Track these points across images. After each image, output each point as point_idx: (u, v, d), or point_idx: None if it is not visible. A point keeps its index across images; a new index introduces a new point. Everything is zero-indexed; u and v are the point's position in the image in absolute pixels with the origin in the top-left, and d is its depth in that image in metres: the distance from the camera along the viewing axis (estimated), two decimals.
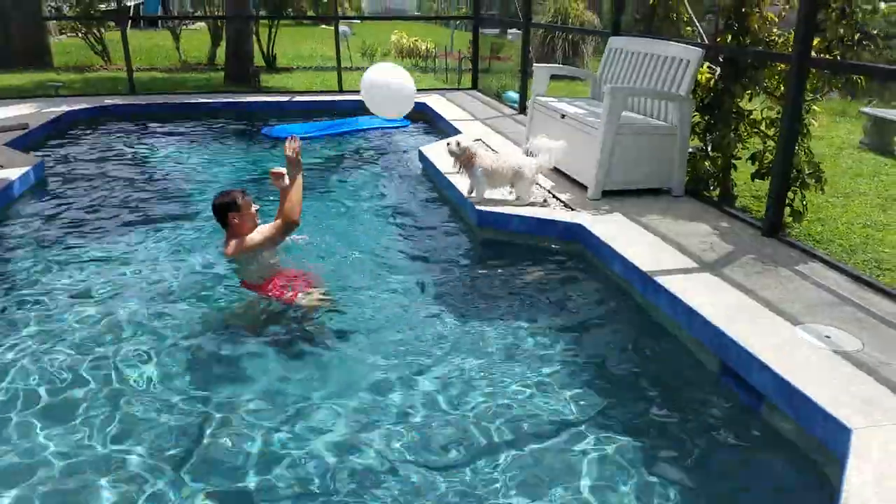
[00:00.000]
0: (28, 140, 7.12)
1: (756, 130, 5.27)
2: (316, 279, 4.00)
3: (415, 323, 3.67)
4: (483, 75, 11.64)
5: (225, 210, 3.80)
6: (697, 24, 5.89)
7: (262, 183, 6.03)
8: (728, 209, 4.93)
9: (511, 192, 5.07)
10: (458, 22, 20.25)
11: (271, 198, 5.46)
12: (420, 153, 6.64)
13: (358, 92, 4.56)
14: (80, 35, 15.05)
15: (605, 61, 6.21)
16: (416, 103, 9.25)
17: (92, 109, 8.89)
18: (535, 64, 6.69)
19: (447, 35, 18.40)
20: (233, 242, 3.80)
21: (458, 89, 11.15)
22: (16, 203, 5.38)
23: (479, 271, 4.38)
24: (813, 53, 4.27)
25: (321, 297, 3.80)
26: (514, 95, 9.58)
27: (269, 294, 3.76)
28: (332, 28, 11.10)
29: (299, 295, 3.75)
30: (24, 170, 5.72)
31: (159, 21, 22.12)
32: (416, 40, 16.20)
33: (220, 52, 14.17)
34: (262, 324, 3.59)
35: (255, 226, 3.89)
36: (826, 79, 5.06)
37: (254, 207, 3.89)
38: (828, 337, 3.05)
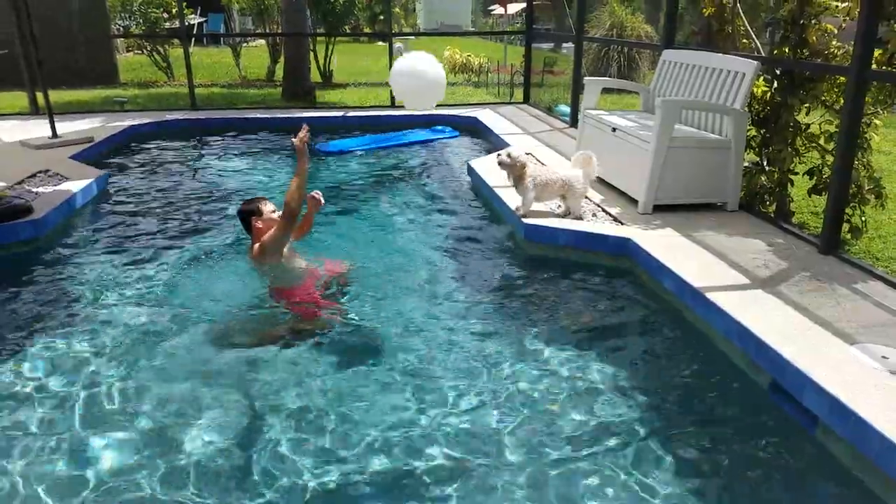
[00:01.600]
0: (92, 153, 7.41)
1: (814, 145, 5.13)
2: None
3: (459, 336, 3.67)
4: (536, 89, 11.65)
5: (249, 215, 4.04)
6: (754, 37, 5.79)
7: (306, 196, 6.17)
8: (784, 225, 4.80)
9: (560, 207, 5.05)
10: (511, 37, 20.30)
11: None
12: (469, 166, 6.67)
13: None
14: (145, 52, 15.67)
15: (658, 74, 6.15)
16: (466, 117, 9.26)
17: (154, 124, 9.22)
18: (585, 77, 6.66)
19: (500, 50, 18.48)
20: (255, 246, 4.00)
21: (510, 103, 11.19)
22: (79, 213, 5.60)
23: (526, 285, 4.37)
24: (874, 66, 4.15)
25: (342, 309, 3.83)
26: (566, 109, 9.55)
27: (297, 302, 3.86)
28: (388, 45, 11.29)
29: (323, 311, 3.82)
30: (87, 182, 5.94)
31: (221, 38, 22.80)
32: (468, 56, 16.30)
33: (279, 68, 14.53)
34: (290, 334, 3.64)
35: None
36: (889, 91, 4.91)
37: (276, 214, 4.03)
38: (885, 357, 2.94)
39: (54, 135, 7.59)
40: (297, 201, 3.82)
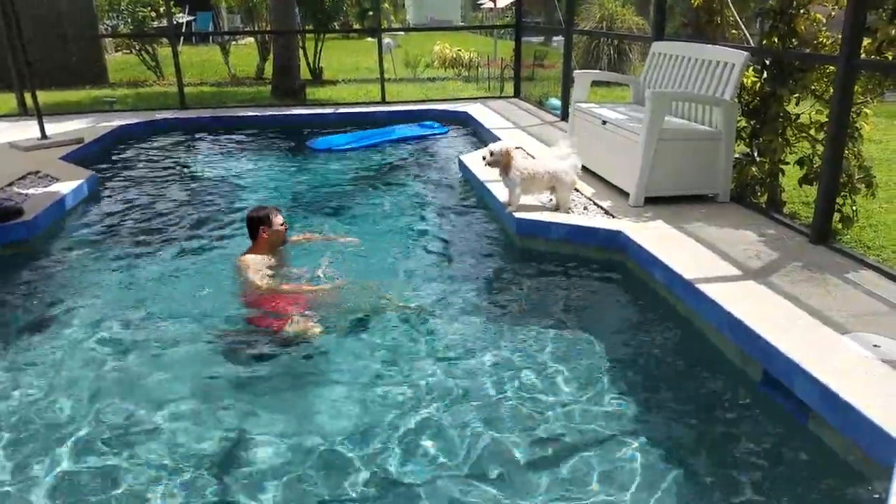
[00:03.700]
0: (82, 154, 7.36)
1: (804, 135, 5.14)
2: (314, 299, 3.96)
3: (452, 332, 3.67)
4: (526, 83, 11.63)
5: (258, 224, 4.06)
6: (743, 27, 5.79)
7: (300, 194, 6.15)
8: (775, 216, 4.81)
9: (551, 200, 5.04)
10: (501, 31, 20.27)
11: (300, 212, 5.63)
12: (460, 161, 6.66)
13: (401, 102, 4.53)
14: (134, 52, 15.57)
15: (647, 66, 6.15)
16: (457, 112, 9.23)
17: (144, 123, 9.17)
18: (575, 70, 6.66)
19: (490, 44, 18.46)
20: (245, 259, 4.00)
21: (500, 97, 11.17)
22: (69, 215, 5.55)
23: (518, 280, 4.36)
24: (863, 55, 4.16)
25: (313, 324, 3.65)
26: (556, 103, 9.54)
27: (263, 318, 3.79)
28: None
29: (292, 320, 3.68)
30: (77, 183, 5.89)
31: (210, 37, 22.69)
32: (458, 50, 16.28)
33: (269, 66, 14.48)
34: (262, 345, 3.56)
35: (280, 241, 4.12)
36: (878, 80, 4.92)
37: (284, 227, 4.12)
38: (877, 346, 2.94)
39: (44, 136, 7.53)
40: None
